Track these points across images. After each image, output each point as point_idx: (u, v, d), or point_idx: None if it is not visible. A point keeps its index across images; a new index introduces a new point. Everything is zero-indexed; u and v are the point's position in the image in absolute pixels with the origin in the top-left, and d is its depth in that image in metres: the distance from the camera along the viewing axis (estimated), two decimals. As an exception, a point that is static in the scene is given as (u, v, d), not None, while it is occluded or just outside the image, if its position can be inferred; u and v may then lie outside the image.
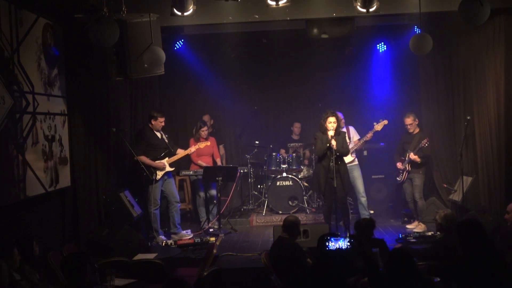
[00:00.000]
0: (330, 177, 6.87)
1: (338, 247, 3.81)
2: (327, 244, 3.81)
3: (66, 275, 3.90)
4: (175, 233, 7.66)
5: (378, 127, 8.03)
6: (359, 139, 8.20)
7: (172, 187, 7.72)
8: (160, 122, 7.54)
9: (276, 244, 5.22)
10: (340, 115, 7.59)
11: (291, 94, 10.21)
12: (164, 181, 7.59)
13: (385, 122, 8.03)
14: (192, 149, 7.93)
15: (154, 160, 7.45)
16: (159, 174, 7.46)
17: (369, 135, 8.08)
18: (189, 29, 8.25)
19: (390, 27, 8.76)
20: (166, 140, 7.70)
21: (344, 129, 7.84)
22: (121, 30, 5.45)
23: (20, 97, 5.59)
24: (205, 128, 8.48)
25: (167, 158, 7.57)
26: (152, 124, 7.55)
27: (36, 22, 5.97)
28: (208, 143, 8.26)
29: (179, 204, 7.81)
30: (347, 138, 7.47)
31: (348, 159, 7.56)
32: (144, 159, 7.37)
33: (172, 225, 7.71)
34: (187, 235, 7.72)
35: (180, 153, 7.79)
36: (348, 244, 3.81)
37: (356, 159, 8.15)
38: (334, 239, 3.84)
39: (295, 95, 10.22)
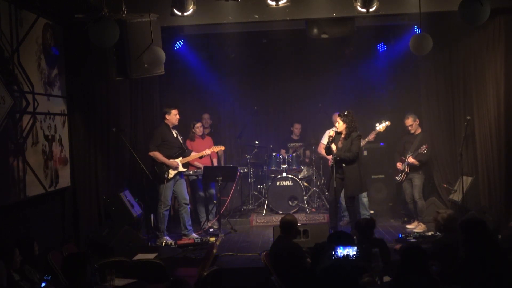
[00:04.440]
0: (337, 176, 6.90)
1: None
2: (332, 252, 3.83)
3: (67, 275, 3.90)
4: (185, 235, 7.53)
5: (381, 128, 7.99)
6: None
7: (182, 188, 7.60)
8: (174, 115, 7.42)
9: (275, 244, 5.21)
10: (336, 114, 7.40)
11: (291, 94, 10.21)
12: (175, 182, 7.49)
13: (388, 123, 7.97)
14: (207, 151, 7.81)
15: (168, 158, 7.36)
16: (172, 173, 7.33)
17: (372, 136, 8.03)
18: (189, 29, 8.25)
19: (390, 27, 8.76)
20: (181, 141, 7.62)
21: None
22: (121, 30, 5.45)
23: (20, 97, 5.59)
24: (199, 124, 8.44)
25: (180, 158, 7.47)
26: (167, 120, 7.43)
27: (36, 22, 5.97)
28: (223, 147, 8.22)
29: (189, 206, 7.71)
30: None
31: None
32: (158, 155, 7.29)
33: (182, 227, 7.60)
34: (197, 237, 7.50)
35: (194, 154, 7.70)
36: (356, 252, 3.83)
37: None
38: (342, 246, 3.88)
39: (295, 95, 10.21)
